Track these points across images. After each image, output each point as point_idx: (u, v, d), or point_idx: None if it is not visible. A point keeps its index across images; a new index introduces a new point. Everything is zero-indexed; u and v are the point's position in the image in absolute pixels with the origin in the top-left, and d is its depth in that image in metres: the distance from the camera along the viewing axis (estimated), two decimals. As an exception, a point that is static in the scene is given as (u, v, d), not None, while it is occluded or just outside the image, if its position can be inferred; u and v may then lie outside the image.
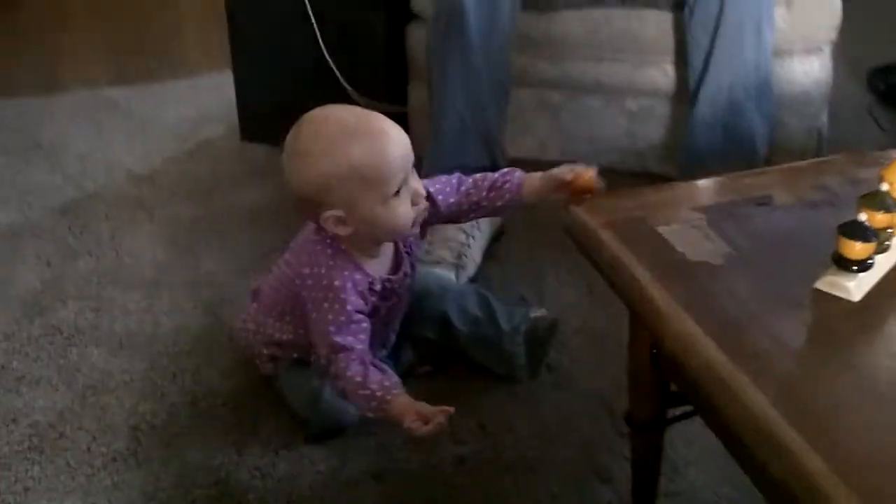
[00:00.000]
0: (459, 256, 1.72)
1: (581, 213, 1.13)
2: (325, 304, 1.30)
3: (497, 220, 1.86)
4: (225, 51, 2.30)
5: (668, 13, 1.88)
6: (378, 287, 1.34)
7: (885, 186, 0.93)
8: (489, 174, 1.39)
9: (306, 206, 1.28)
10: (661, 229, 1.07)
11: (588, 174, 1.26)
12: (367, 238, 1.31)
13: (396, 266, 1.39)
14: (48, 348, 1.63)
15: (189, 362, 1.59)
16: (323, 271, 1.30)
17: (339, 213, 1.25)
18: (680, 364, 0.89)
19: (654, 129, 2.00)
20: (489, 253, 1.83)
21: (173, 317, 1.70)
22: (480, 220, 1.79)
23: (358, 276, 1.31)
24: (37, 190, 2.17)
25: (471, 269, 1.74)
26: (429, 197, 1.34)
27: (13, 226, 2.02)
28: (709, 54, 1.72)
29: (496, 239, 1.86)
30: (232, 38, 2.24)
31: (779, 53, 1.81)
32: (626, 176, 1.94)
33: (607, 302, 1.43)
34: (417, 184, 1.28)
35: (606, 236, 1.07)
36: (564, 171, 1.27)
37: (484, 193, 1.39)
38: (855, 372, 0.86)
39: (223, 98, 2.42)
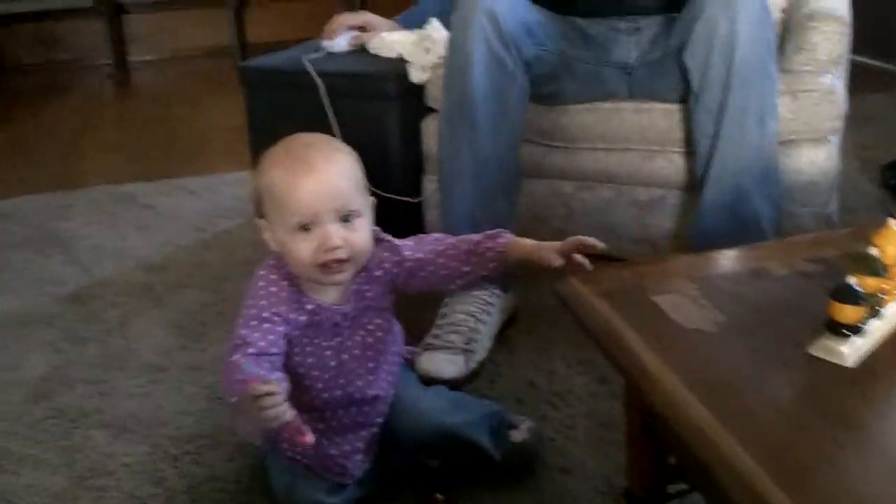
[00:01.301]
0: (469, 342, 1.70)
1: (576, 282, 1.13)
2: (244, 306, 1.27)
3: (509, 304, 1.85)
4: (247, 153, 2.35)
5: (675, 105, 1.89)
6: (309, 306, 1.28)
7: (874, 251, 0.92)
8: (473, 235, 1.38)
9: (256, 215, 1.30)
10: (656, 298, 1.07)
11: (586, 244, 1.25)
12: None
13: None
14: (51, 431, 1.62)
15: (191, 446, 1.57)
16: (259, 283, 1.28)
17: (264, 223, 1.28)
18: (670, 427, 0.87)
19: (665, 217, 2.00)
20: (499, 338, 1.81)
21: (177, 401, 1.69)
22: (491, 305, 1.78)
23: (290, 290, 1.28)
24: (49, 280, 2.21)
25: (480, 353, 1.72)
26: (393, 249, 1.34)
27: (24, 314, 2.05)
28: (714, 140, 1.73)
29: (507, 324, 1.84)
30: (251, 137, 2.27)
31: (785, 142, 1.82)
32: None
33: (619, 390, 1.41)
34: (337, 232, 1.22)
35: (601, 305, 1.06)
36: (564, 246, 1.26)
37: (464, 255, 1.35)
38: (847, 434, 0.83)
39: (242, 193, 2.45)
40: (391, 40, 2.19)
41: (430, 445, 1.38)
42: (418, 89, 2.10)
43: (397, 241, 1.35)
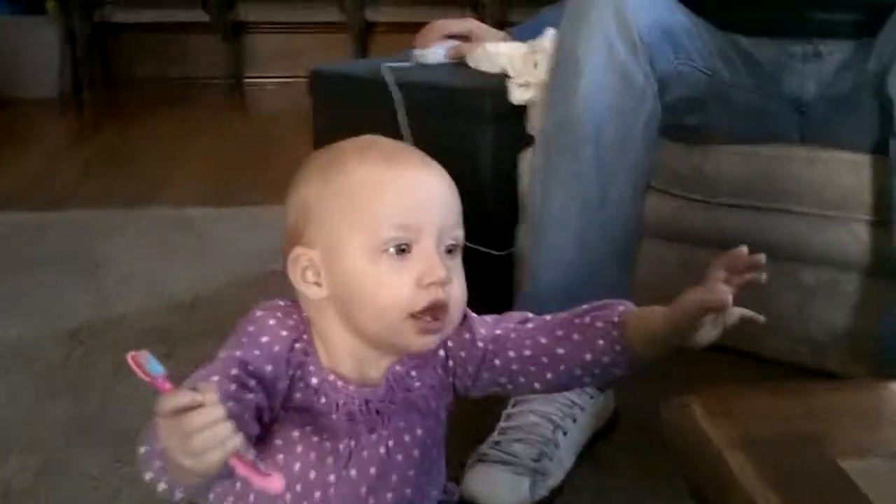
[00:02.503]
0: (540, 457, 1.23)
1: (699, 414, 0.63)
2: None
3: (604, 407, 1.36)
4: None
5: (866, 155, 1.40)
6: (314, 380, 0.83)
7: None
8: (576, 309, 0.89)
9: (287, 248, 0.84)
10: (847, 464, 0.56)
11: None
12: (340, 325, 0.83)
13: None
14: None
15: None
16: (252, 324, 0.84)
17: (312, 252, 0.81)
18: None
19: (836, 311, 1.51)
20: (586, 454, 1.32)
21: (135, 497, 1.25)
22: (578, 407, 1.29)
23: (292, 346, 0.83)
24: (58, 309, 1.87)
25: (556, 475, 1.24)
26: (465, 321, 0.87)
27: (10, 345, 1.70)
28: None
29: (600, 435, 1.35)
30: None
31: None
32: (793, 372, 1.52)
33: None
34: (440, 261, 0.79)
35: (739, 464, 0.57)
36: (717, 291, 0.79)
37: (563, 334, 0.87)
38: None
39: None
40: (496, 52, 1.78)
41: None
42: (519, 112, 1.66)
43: (469, 312, 0.89)
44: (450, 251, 0.81)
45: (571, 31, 1.31)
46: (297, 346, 0.82)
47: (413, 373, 0.86)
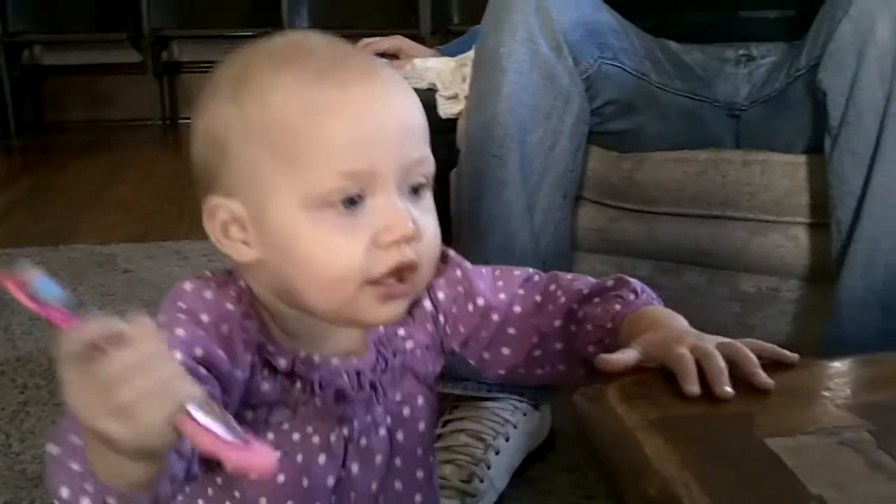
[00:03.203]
0: (471, 478, 1.15)
1: (614, 398, 0.56)
2: None
3: (540, 424, 1.28)
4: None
5: (801, 156, 1.35)
6: (283, 361, 0.65)
7: None
8: (586, 279, 0.76)
9: (201, 194, 0.66)
10: (775, 443, 0.50)
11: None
12: (283, 295, 0.65)
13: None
14: None
15: None
16: (182, 300, 0.63)
17: (232, 203, 0.64)
18: None
19: (778, 319, 1.44)
20: (523, 475, 1.24)
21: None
22: (511, 425, 1.23)
23: (244, 324, 0.64)
24: None
25: (488, 497, 1.17)
26: (457, 269, 0.74)
27: None
28: (861, 200, 1.17)
29: (537, 455, 1.27)
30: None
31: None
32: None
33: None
34: (404, 213, 0.62)
35: (655, 447, 0.50)
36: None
37: (556, 325, 0.73)
38: None
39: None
40: (424, 68, 1.70)
41: None
42: (449, 129, 1.58)
43: (463, 262, 0.76)
44: (416, 190, 0.64)
45: (494, 30, 1.25)
46: (248, 322, 0.64)
47: (401, 331, 0.71)
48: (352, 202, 0.61)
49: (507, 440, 1.21)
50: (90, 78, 4.35)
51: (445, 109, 1.59)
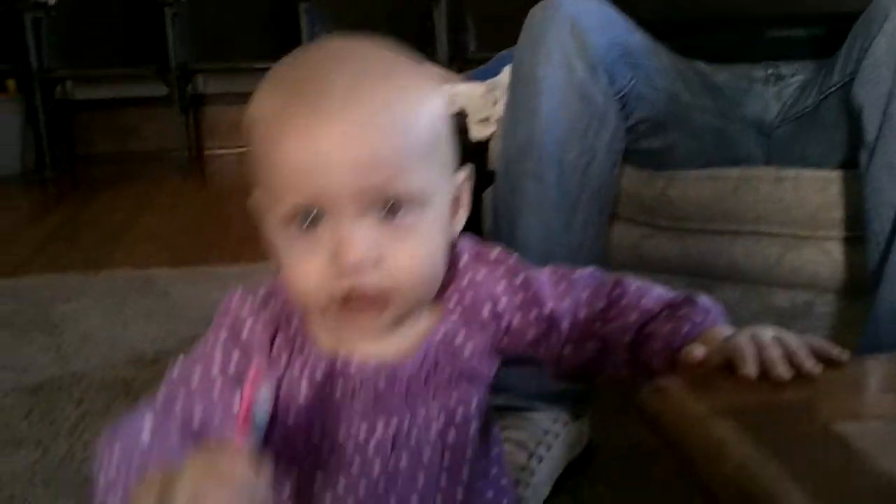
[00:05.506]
0: (516, 484, 1.16)
1: (681, 390, 0.59)
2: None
3: (579, 435, 1.30)
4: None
5: (835, 172, 1.36)
6: (322, 365, 0.69)
7: None
8: (654, 294, 0.76)
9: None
10: (843, 427, 0.52)
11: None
12: None
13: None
14: None
15: None
16: (232, 308, 0.72)
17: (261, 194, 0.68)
18: None
19: (812, 333, 1.38)
20: (564, 486, 1.26)
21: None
22: (552, 434, 1.24)
23: (287, 328, 0.70)
24: (18, 366, 1.82)
25: (532, 505, 1.18)
26: (515, 275, 0.74)
27: (-31, 404, 1.65)
28: (899, 213, 1.18)
29: (577, 467, 1.29)
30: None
31: None
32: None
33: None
34: (362, 234, 0.62)
35: (727, 431, 0.53)
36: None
37: (625, 341, 0.72)
38: None
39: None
40: (453, 93, 1.73)
41: None
42: (480, 151, 1.61)
43: (523, 266, 0.75)
44: (392, 209, 0.63)
45: (530, 53, 1.29)
46: (280, 336, 0.69)
47: (458, 338, 0.71)
48: (311, 222, 0.62)
49: (550, 449, 1.23)
50: (118, 111, 4.41)
51: (477, 132, 1.63)
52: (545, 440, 1.22)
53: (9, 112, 4.10)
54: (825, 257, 1.40)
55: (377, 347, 0.69)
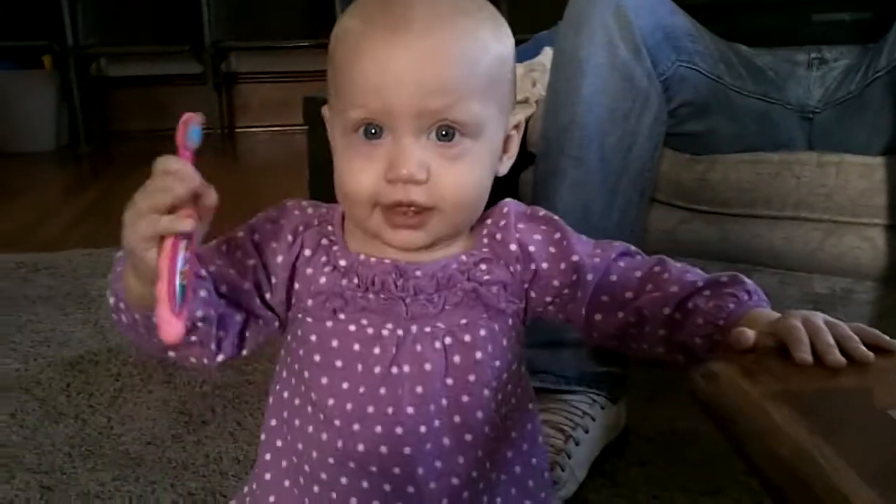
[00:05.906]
0: (552, 467, 1.16)
1: (736, 373, 0.59)
2: None
3: (616, 419, 1.30)
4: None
5: (878, 158, 1.35)
6: (343, 262, 0.73)
7: None
8: (697, 271, 0.75)
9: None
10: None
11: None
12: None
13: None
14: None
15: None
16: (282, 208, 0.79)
17: (328, 113, 0.75)
18: None
19: (851, 321, 1.37)
20: (601, 469, 1.26)
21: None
22: (589, 417, 1.25)
23: (319, 230, 0.75)
24: (56, 340, 1.83)
25: (569, 487, 1.19)
26: (552, 227, 0.76)
27: (8, 377, 1.65)
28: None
29: (613, 449, 1.29)
30: (311, 185, 1.84)
31: None
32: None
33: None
34: (415, 153, 0.67)
35: (783, 415, 0.53)
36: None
37: (684, 290, 0.73)
38: None
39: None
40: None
41: None
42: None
43: (566, 226, 0.77)
44: (446, 133, 0.67)
45: (573, 33, 1.28)
46: (312, 230, 0.74)
47: (483, 265, 0.73)
48: (372, 134, 0.68)
49: (587, 432, 1.23)
50: (152, 89, 4.42)
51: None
52: (583, 423, 1.23)
53: (44, 88, 4.13)
54: (867, 244, 1.39)
55: (392, 254, 0.72)
